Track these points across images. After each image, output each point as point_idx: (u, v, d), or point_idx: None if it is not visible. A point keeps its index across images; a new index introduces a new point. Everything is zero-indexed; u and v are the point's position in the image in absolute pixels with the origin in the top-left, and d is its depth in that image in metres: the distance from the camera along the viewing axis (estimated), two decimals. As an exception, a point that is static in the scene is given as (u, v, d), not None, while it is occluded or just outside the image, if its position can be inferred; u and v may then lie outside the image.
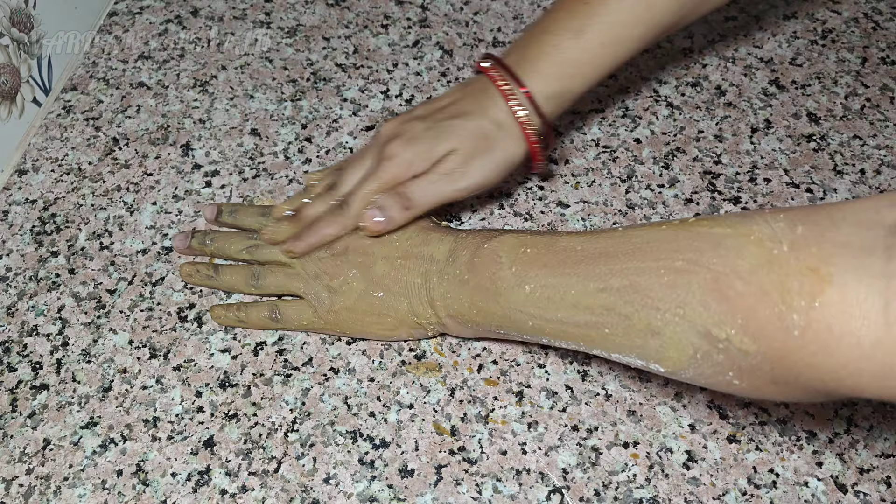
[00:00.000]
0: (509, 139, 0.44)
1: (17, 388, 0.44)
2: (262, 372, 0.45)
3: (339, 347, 0.46)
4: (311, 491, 0.40)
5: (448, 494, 0.40)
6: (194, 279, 0.47)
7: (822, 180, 0.54)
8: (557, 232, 0.42)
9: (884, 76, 0.61)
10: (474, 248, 0.41)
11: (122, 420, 0.43)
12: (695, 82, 0.60)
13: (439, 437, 0.42)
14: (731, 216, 0.32)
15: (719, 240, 0.31)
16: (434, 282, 0.42)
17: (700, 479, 0.41)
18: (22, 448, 0.41)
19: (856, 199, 0.30)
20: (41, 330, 0.46)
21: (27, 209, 0.51)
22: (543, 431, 0.43)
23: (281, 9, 0.64)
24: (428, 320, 0.43)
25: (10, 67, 0.53)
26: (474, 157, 0.44)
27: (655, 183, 0.54)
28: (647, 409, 0.44)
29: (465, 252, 0.41)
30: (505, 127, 0.44)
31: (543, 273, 0.37)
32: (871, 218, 0.28)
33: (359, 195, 0.44)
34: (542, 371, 0.45)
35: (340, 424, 0.43)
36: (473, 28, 0.63)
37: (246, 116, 0.57)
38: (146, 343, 0.45)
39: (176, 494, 0.40)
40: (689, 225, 0.33)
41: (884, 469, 0.42)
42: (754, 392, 0.32)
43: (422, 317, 0.43)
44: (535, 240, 0.39)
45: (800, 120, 0.58)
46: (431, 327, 0.43)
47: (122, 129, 0.56)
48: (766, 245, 0.29)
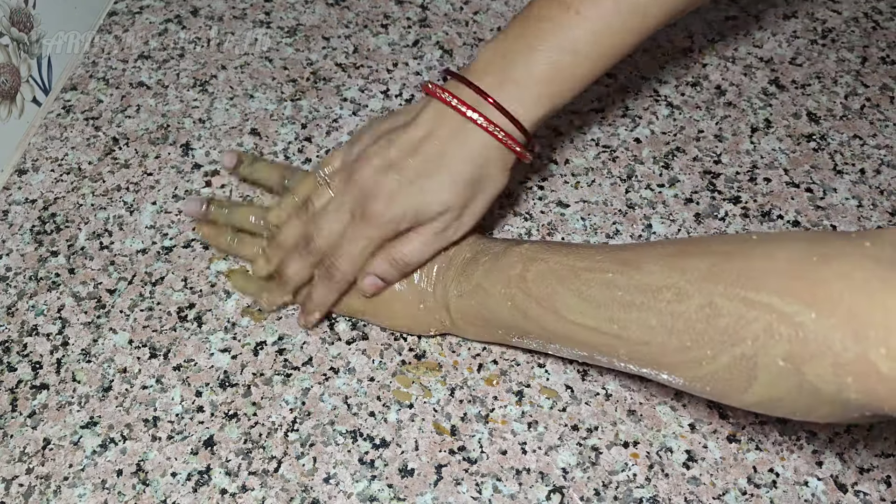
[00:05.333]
0: (496, 171, 0.42)
1: (17, 387, 0.44)
2: (262, 372, 0.45)
3: (339, 347, 0.46)
4: (311, 491, 0.40)
5: (448, 494, 0.40)
6: (215, 240, 0.48)
7: (822, 180, 0.54)
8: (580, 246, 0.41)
9: (884, 76, 0.61)
10: (496, 254, 0.41)
11: (122, 420, 0.43)
12: (695, 82, 0.60)
13: (439, 436, 0.42)
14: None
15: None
16: (449, 280, 0.42)
17: (700, 479, 0.41)
18: (22, 448, 0.41)
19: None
20: (41, 330, 0.46)
21: (27, 209, 0.51)
22: (543, 431, 0.43)
23: (281, 8, 0.64)
24: (439, 317, 0.43)
25: (10, 67, 0.53)
26: (467, 207, 0.42)
27: (655, 182, 0.54)
28: (647, 408, 0.44)
29: (484, 256, 0.41)
30: (491, 163, 0.41)
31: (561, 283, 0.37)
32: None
33: (346, 258, 0.42)
34: (542, 371, 0.45)
35: (340, 424, 0.43)
36: (473, 28, 0.63)
37: (246, 116, 0.57)
38: (146, 343, 0.45)
39: (176, 494, 0.40)
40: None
41: (884, 469, 0.42)
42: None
43: (432, 312, 0.43)
44: (554, 249, 0.39)
45: (800, 120, 0.58)
46: (439, 324, 0.44)
47: (121, 128, 0.56)
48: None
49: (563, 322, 0.37)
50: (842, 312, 0.27)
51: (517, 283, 0.39)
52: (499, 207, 0.52)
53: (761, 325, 0.29)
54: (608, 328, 0.35)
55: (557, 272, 0.37)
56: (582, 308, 0.36)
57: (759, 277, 0.29)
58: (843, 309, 0.27)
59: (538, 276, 0.38)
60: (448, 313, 0.43)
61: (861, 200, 0.53)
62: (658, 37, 0.63)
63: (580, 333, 0.36)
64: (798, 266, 0.29)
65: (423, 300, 0.43)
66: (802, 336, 0.28)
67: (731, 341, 0.30)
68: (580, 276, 0.36)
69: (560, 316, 0.37)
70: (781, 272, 0.29)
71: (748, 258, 0.31)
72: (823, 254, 0.28)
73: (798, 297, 0.28)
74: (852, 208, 0.53)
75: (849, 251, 0.28)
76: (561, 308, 0.37)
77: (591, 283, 0.36)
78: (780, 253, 0.30)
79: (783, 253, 0.30)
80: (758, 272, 0.30)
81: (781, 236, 0.31)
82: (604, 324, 0.35)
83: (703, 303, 0.31)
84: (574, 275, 0.37)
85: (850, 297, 0.27)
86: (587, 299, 0.35)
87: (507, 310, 0.39)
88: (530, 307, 0.38)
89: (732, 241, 0.32)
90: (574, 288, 0.36)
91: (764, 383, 0.30)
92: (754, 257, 0.30)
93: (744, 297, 0.29)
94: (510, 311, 0.39)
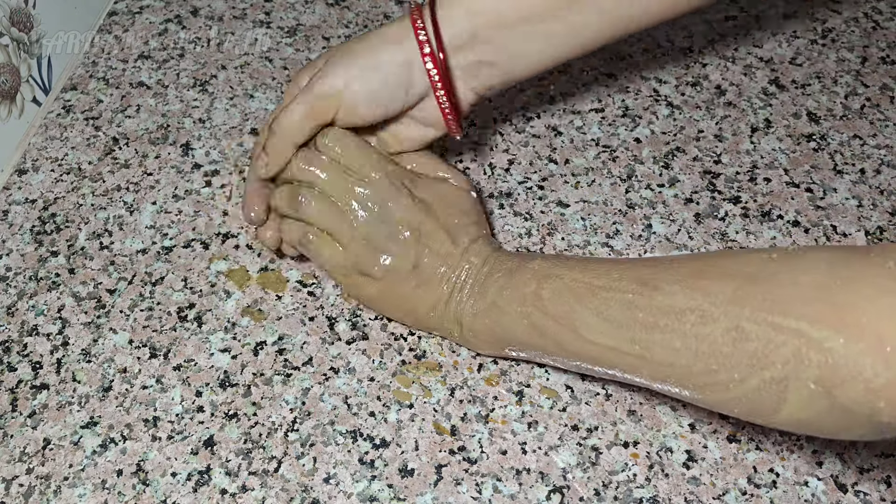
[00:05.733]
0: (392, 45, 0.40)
1: (17, 387, 0.44)
2: (262, 371, 0.45)
3: (339, 347, 0.46)
4: (311, 491, 0.40)
5: (448, 494, 0.40)
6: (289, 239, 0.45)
7: (822, 180, 0.54)
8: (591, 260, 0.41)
9: (884, 76, 0.61)
10: (510, 269, 0.41)
11: (122, 420, 0.43)
12: (695, 82, 0.60)
13: (439, 436, 0.42)
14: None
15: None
16: (464, 296, 0.42)
17: (700, 479, 0.41)
18: (22, 448, 0.41)
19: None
20: (41, 330, 0.46)
21: (27, 209, 0.51)
22: (543, 431, 0.43)
23: (281, 8, 0.64)
24: (449, 329, 0.43)
25: (10, 67, 0.53)
26: (338, 63, 0.41)
27: (655, 182, 0.54)
28: (647, 408, 0.44)
29: (498, 272, 0.41)
30: (391, 36, 0.40)
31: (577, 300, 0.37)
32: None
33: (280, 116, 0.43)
34: (542, 371, 0.45)
35: (340, 424, 0.43)
36: (473, 28, 0.63)
37: (246, 116, 0.57)
38: (146, 343, 0.45)
39: (176, 494, 0.40)
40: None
41: (884, 469, 0.42)
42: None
43: (443, 322, 0.43)
44: (570, 265, 0.39)
45: (800, 119, 0.58)
46: (448, 334, 0.44)
47: (121, 128, 0.56)
48: None
49: (582, 341, 0.37)
50: (870, 338, 0.27)
51: (533, 302, 0.38)
52: (499, 207, 0.52)
53: (790, 349, 0.29)
54: (630, 349, 0.35)
55: (574, 290, 0.37)
56: (602, 328, 0.36)
57: (786, 302, 0.30)
58: (871, 334, 0.27)
59: (554, 294, 0.38)
60: (460, 328, 0.42)
61: (861, 200, 0.53)
62: (658, 37, 0.63)
63: (599, 352, 0.36)
64: (824, 291, 0.29)
65: (434, 307, 0.43)
66: (833, 362, 0.28)
67: (761, 365, 0.30)
68: (598, 294, 0.36)
69: (579, 335, 0.37)
70: (808, 297, 0.29)
71: (773, 282, 0.31)
72: (847, 277, 0.29)
73: (826, 322, 0.28)
74: (852, 208, 0.53)
75: (872, 273, 0.28)
76: (580, 327, 0.36)
77: (611, 303, 0.35)
78: (804, 277, 0.30)
79: (807, 277, 0.30)
80: (784, 297, 0.30)
81: (803, 257, 0.31)
82: (625, 344, 0.35)
83: (730, 326, 0.31)
84: (592, 293, 0.36)
85: (878, 322, 0.27)
86: (607, 319, 0.35)
87: (523, 328, 0.39)
88: (547, 325, 0.38)
89: (754, 263, 0.32)
90: (592, 307, 0.36)
91: (795, 405, 0.30)
92: (779, 282, 0.31)
93: (771, 321, 0.30)
94: (526, 330, 0.39)
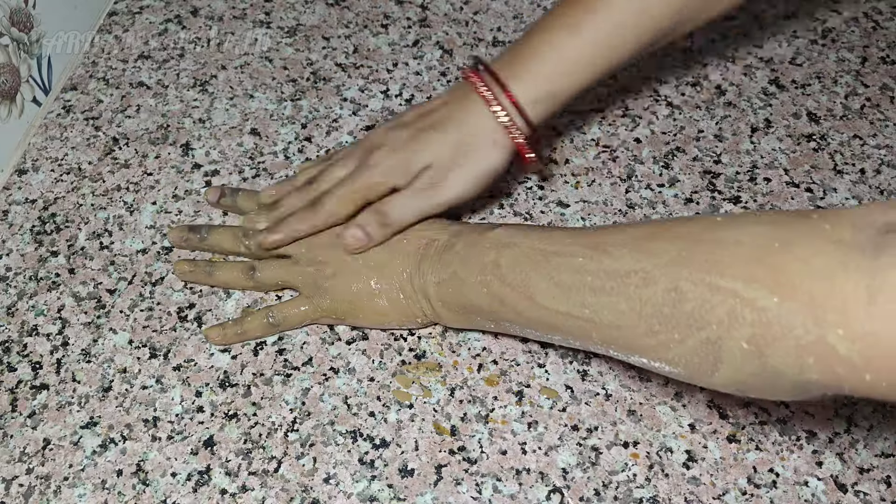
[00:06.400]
0: (489, 148, 0.43)
1: (17, 387, 0.44)
2: (262, 372, 0.45)
3: (339, 347, 0.46)
4: (311, 491, 0.40)
5: (448, 494, 0.40)
6: (191, 276, 0.47)
7: (822, 180, 0.54)
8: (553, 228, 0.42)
9: (884, 76, 0.61)
10: (471, 240, 0.42)
11: (122, 420, 0.43)
12: (695, 82, 0.60)
13: (439, 436, 0.42)
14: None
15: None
16: (426, 268, 0.42)
17: (700, 479, 0.41)
18: (22, 448, 0.41)
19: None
20: (41, 330, 0.46)
21: (27, 209, 0.51)
22: (543, 431, 0.43)
23: (281, 8, 0.64)
24: (420, 307, 0.43)
25: (10, 67, 0.53)
26: (451, 171, 0.43)
27: (655, 182, 0.54)
28: (647, 408, 0.44)
29: (460, 243, 0.42)
30: (485, 135, 0.43)
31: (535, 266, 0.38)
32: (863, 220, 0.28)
33: (333, 196, 0.44)
34: (542, 371, 0.45)
35: (340, 424, 0.43)
36: (473, 28, 0.63)
37: (246, 116, 0.57)
38: (146, 343, 0.45)
39: (176, 494, 0.40)
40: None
41: (884, 469, 0.42)
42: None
43: (413, 302, 0.43)
44: (529, 232, 0.40)
45: (800, 119, 0.58)
46: (422, 314, 0.44)
47: (121, 128, 0.56)
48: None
49: (538, 307, 0.37)
50: (802, 297, 0.28)
51: (492, 271, 0.39)
52: (499, 207, 0.52)
53: (725, 309, 0.30)
54: (580, 312, 0.35)
55: (530, 257, 0.38)
56: (554, 293, 0.36)
57: (725, 263, 0.30)
58: (803, 293, 0.28)
59: (511, 262, 0.39)
60: (429, 302, 0.43)
61: (861, 200, 0.53)
62: (658, 37, 0.63)
63: (554, 318, 0.37)
64: (762, 252, 0.29)
65: (402, 290, 0.44)
66: (765, 320, 0.28)
67: (697, 325, 0.31)
68: (551, 260, 0.37)
69: (534, 301, 0.37)
70: (746, 258, 0.30)
71: (715, 243, 0.31)
72: (786, 239, 0.29)
73: (761, 282, 0.29)
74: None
75: (810, 235, 0.29)
76: (535, 293, 0.37)
77: (562, 268, 0.36)
78: (746, 238, 0.31)
79: (748, 238, 0.30)
80: (724, 258, 0.31)
81: (747, 219, 0.32)
82: (576, 308, 0.35)
83: (669, 287, 0.32)
84: (545, 259, 0.37)
85: (811, 282, 0.27)
86: (559, 284, 0.36)
87: (483, 297, 0.40)
88: (506, 294, 0.39)
89: (700, 224, 0.33)
90: (545, 273, 0.37)
91: (729, 366, 0.30)
92: (721, 243, 0.31)
93: (709, 282, 0.30)
94: (487, 299, 0.39)
